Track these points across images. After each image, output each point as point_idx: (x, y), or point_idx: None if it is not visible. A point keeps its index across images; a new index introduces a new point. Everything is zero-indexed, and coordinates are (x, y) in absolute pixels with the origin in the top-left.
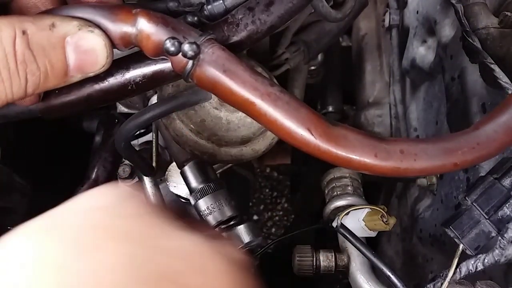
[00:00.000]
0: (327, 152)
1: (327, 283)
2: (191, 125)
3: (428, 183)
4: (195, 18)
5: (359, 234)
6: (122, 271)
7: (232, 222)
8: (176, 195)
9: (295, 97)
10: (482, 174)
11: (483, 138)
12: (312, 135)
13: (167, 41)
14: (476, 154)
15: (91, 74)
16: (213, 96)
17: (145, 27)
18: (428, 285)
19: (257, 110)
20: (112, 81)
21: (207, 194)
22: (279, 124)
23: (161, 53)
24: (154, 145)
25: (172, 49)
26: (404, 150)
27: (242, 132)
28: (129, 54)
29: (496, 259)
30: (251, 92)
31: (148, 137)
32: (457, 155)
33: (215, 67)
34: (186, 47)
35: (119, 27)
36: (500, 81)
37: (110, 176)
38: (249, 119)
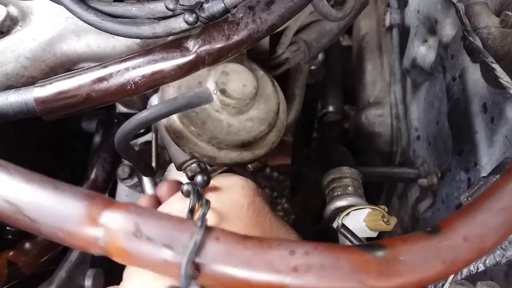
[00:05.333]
0: None
1: None
2: (192, 127)
3: (429, 183)
4: (194, 17)
5: (360, 234)
6: None
7: None
8: None
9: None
10: (484, 174)
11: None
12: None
13: None
14: None
15: None
16: (214, 98)
17: None
18: (429, 286)
19: None
20: (112, 81)
21: None
22: None
23: None
24: (153, 145)
25: None
26: None
27: (243, 136)
28: (129, 54)
29: (497, 259)
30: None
31: (148, 137)
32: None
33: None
34: None
35: None
36: (501, 81)
37: (110, 176)
38: (249, 123)
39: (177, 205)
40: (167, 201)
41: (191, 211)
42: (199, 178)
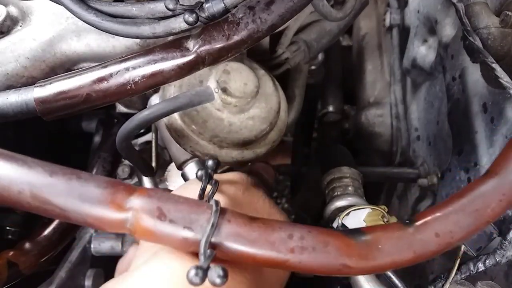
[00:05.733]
0: None
1: (327, 283)
2: (193, 126)
3: (429, 183)
4: (194, 17)
5: None
6: None
7: None
8: None
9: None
10: None
11: (507, 186)
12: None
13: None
14: (504, 204)
15: None
16: (216, 97)
17: None
18: (429, 286)
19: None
20: (112, 81)
21: None
22: None
23: None
24: (153, 145)
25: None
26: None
27: (244, 134)
28: (129, 54)
29: (497, 259)
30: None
31: (148, 137)
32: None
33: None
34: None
35: None
36: (501, 81)
37: (110, 176)
38: (251, 122)
39: (192, 187)
40: (182, 184)
41: (203, 190)
42: (210, 162)
